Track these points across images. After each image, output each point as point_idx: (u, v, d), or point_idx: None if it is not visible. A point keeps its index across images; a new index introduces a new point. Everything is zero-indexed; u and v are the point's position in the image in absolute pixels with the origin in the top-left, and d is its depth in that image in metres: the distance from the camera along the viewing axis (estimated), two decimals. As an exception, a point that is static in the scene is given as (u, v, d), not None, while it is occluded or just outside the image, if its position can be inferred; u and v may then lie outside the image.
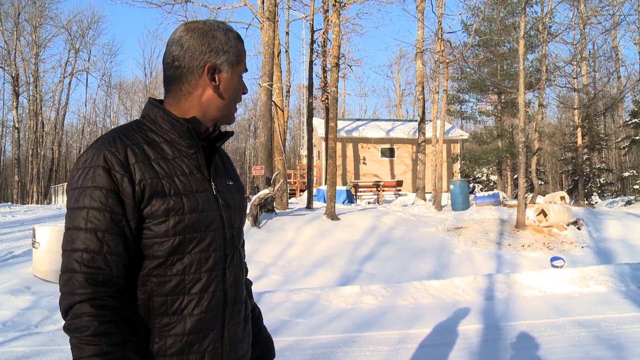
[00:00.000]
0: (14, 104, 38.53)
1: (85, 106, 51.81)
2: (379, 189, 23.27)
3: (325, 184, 19.02)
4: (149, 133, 1.41)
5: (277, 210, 14.22)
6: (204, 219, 1.39)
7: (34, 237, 8.53)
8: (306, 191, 18.43)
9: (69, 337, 1.25)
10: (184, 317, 1.36)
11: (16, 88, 38.48)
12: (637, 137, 23.66)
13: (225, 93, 1.44)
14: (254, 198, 12.51)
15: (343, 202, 20.44)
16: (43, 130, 41.82)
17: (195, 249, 1.37)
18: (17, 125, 38.84)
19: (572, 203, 21.95)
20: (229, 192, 1.51)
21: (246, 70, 1.49)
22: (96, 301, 1.25)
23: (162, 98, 1.50)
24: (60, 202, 31.98)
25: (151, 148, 1.38)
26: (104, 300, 1.26)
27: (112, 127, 53.24)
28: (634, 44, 27.35)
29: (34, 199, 38.74)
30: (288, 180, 22.41)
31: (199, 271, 1.38)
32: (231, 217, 1.47)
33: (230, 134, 1.54)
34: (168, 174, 1.36)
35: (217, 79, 1.43)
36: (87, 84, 71.30)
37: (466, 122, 40.26)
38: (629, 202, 21.86)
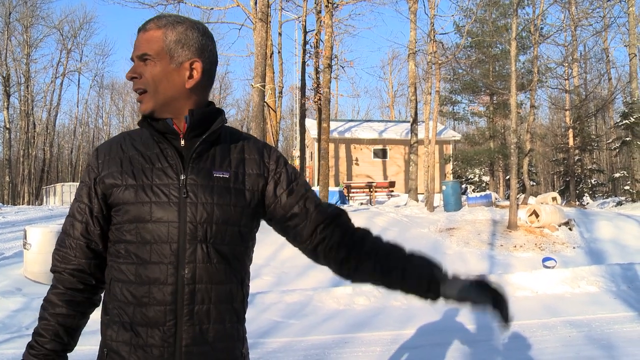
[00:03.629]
0: (5, 104, 38.32)
1: (77, 107, 51.52)
2: (371, 190, 23.28)
3: (317, 185, 19.02)
4: (138, 132, 1.53)
5: (269, 211, 14.18)
6: (156, 210, 1.39)
7: (25, 238, 8.48)
8: (299, 192, 18.39)
9: None
10: (133, 307, 1.38)
11: (7, 88, 38.28)
12: (627, 138, 23.77)
13: None
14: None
15: (336, 203, 20.41)
16: (34, 131, 41.60)
17: (145, 239, 1.39)
18: (8, 126, 38.65)
19: (563, 204, 22.06)
20: (210, 185, 1.44)
21: (131, 57, 1.48)
22: (58, 274, 1.50)
23: None
24: (52, 203, 31.81)
25: (131, 145, 1.50)
26: (63, 275, 1.48)
27: (105, 127, 53.12)
28: (624, 46, 27.48)
29: (25, 200, 38.50)
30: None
31: (146, 262, 1.38)
32: (197, 210, 1.41)
33: (218, 124, 1.48)
34: (131, 168, 1.44)
35: None
36: (79, 84, 71.01)
37: (458, 123, 40.42)
38: (619, 203, 21.99)
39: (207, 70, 1.50)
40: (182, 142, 1.46)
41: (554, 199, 18.79)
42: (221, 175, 1.47)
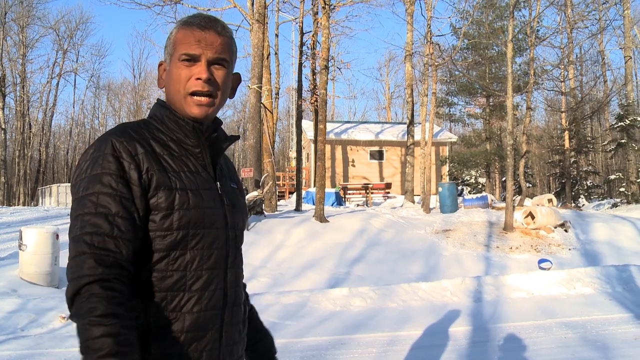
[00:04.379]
0: (1, 104, 38.18)
1: (73, 107, 51.58)
2: (367, 191, 23.30)
3: (314, 186, 19.03)
4: (155, 131, 1.43)
5: (266, 213, 14.20)
6: (209, 216, 1.39)
7: (21, 239, 8.45)
8: (295, 193, 18.42)
9: (75, 323, 1.19)
10: (183, 314, 1.35)
11: (3, 88, 38.15)
12: (623, 140, 23.86)
13: (168, 84, 1.44)
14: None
15: (332, 205, 20.45)
16: (30, 132, 41.48)
17: (198, 245, 1.37)
18: (3, 126, 38.50)
19: (559, 205, 22.14)
20: (233, 193, 1.53)
21: (187, 54, 1.39)
22: (106, 282, 1.21)
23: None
24: (47, 203, 31.72)
25: (158, 144, 1.40)
26: (113, 283, 1.22)
27: (101, 128, 52.95)
28: (620, 48, 27.65)
29: (21, 201, 38.40)
30: (277, 183, 22.39)
31: (200, 268, 1.37)
32: (235, 218, 1.48)
33: (235, 138, 1.55)
34: (175, 169, 1.38)
35: (162, 74, 1.48)
36: (75, 85, 70.44)
37: (455, 125, 40.55)
38: (615, 205, 22.06)
39: None
40: (207, 148, 1.49)
41: (549, 200, 18.84)
42: (234, 186, 1.56)
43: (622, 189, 23.58)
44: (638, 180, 22.88)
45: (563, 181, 27.52)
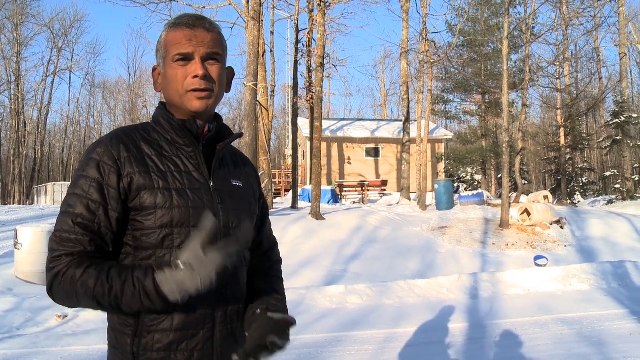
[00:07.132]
0: (-5, 103, 38.02)
1: (69, 105, 51.21)
2: (363, 188, 23.30)
3: (310, 184, 19.01)
4: (151, 132, 1.47)
5: (262, 210, 14.15)
6: (194, 215, 1.39)
7: (16, 238, 8.42)
8: (291, 191, 18.40)
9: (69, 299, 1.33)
10: (171, 313, 1.36)
11: (-3, 87, 37.98)
12: (618, 137, 23.94)
13: (166, 86, 1.46)
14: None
15: (328, 202, 20.43)
16: (25, 130, 41.25)
17: (183, 244, 1.37)
18: (-2, 125, 38.36)
19: (555, 202, 22.17)
20: (232, 192, 1.51)
21: (180, 54, 1.40)
22: (69, 257, 1.32)
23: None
24: (43, 202, 31.61)
25: (149, 145, 1.43)
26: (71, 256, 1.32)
27: (96, 126, 52.84)
28: (615, 45, 27.74)
29: (16, 200, 38.23)
30: (273, 180, 22.38)
31: None
32: (228, 216, 1.46)
33: (236, 136, 1.56)
34: (161, 170, 1.40)
35: (157, 78, 1.50)
36: (70, 83, 70.21)
37: (451, 122, 40.46)
38: (610, 201, 22.12)
39: None
40: (200, 147, 1.48)
41: (545, 197, 18.87)
42: (237, 184, 1.55)
43: (617, 186, 23.65)
44: (633, 177, 22.98)
45: (559, 178, 27.57)
